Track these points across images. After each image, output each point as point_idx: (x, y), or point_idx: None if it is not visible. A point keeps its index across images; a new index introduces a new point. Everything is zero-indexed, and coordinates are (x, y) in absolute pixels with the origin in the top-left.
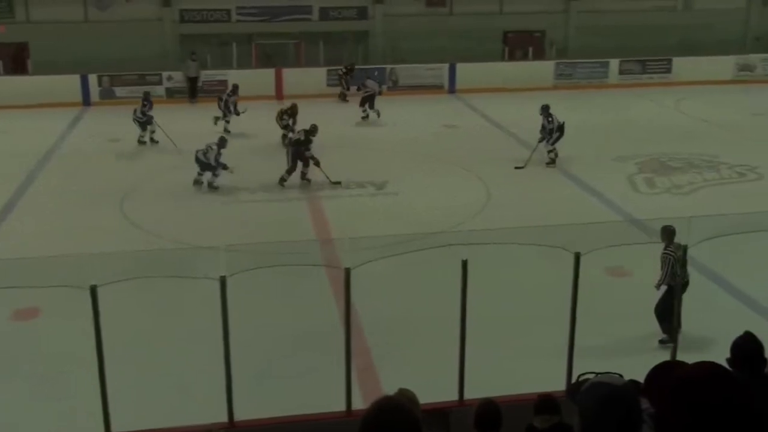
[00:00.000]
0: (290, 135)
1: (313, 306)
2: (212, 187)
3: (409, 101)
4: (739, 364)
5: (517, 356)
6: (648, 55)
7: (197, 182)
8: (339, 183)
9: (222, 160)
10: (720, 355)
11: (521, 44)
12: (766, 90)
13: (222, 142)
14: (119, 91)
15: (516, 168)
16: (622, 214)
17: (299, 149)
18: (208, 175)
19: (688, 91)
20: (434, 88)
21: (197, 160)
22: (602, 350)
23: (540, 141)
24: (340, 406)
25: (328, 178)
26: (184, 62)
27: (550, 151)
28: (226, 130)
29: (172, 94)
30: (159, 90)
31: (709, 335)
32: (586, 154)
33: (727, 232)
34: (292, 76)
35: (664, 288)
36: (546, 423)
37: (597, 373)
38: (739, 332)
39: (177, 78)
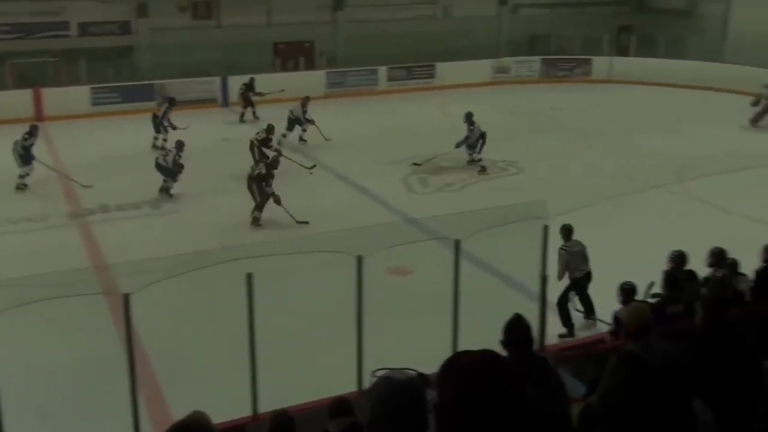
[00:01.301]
0: (257, 168)
1: (92, 337)
2: (167, 193)
3: (182, 117)
4: (511, 346)
5: (310, 363)
6: (413, 62)
7: (163, 190)
8: (306, 222)
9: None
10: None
11: (292, 55)
12: (520, 90)
13: (180, 146)
14: None
15: (414, 164)
16: (400, 215)
17: (261, 183)
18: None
19: (452, 94)
20: (207, 101)
21: (157, 166)
22: (395, 347)
23: (456, 146)
24: None
25: (292, 217)
26: None
27: (479, 161)
28: (162, 147)
29: None
30: None
31: (485, 321)
32: (361, 158)
33: (495, 224)
34: (53, 96)
35: (566, 281)
36: (340, 426)
37: (390, 369)
38: (510, 315)
39: None
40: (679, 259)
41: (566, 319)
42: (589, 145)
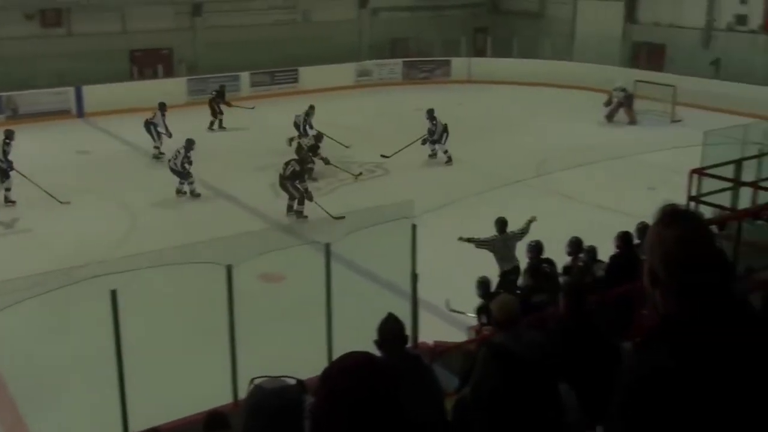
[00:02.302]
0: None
1: None
2: (194, 194)
3: (34, 129)
4: (385, 346)
5: (183, 378)
6: (277, 67)
7: (180, 192)
8: (343, 217)
9: (187, 165)
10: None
11: (150, 63)
12: (382, 92)
13: (189, 144)
14: None
15: (382, 156)
16: (269, 221)
17: (294, 182)
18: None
19: (316, 98)
20: (61, 113)
21: (171, 170)
22: (272, 355)
23: (423, 143)
24: None
25: (328, 213)
26: None
27: (445, 152)
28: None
29: None
30: None
31: (359, 322)
32: (227, 166)
33: (365, 226)
34: None
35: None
36: None
37: (268, 377)
38: (384, 315)
39: None
40: (536, 249)
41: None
42: (453, 143)
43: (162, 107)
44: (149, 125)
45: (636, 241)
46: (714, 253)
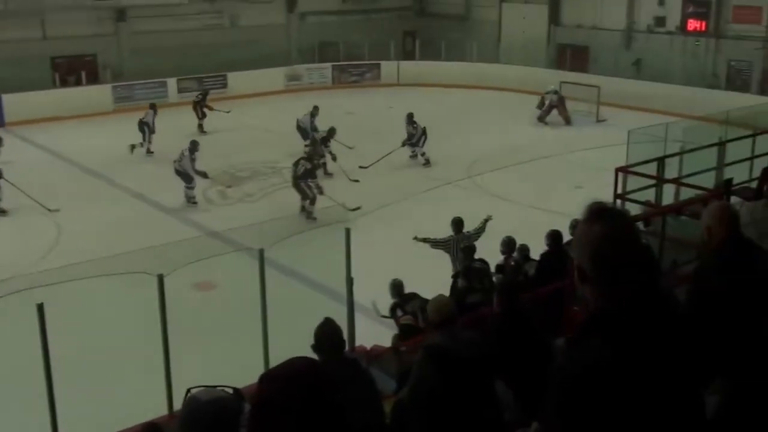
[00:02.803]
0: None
1: None
2: (191, 201)
3: None
4: (322, 350)
5: (116, 391)
6: (205, 72)
7: (190, 199)
8: (359, 207)
9: (198, 166)
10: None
11: (73, 69)
12: (313, 97)
13: (194, 146)
14: None
15: (360, 167)
16: (202, 229)
17: (306, 180)
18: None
19: (246, 103)
20: None
21: (176, 171)
22: (208, 364)
23: (402, 146)
24: None
25: (343, 206)
26: None
27: (423, 155)
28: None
29: None
30: None
31: (296, 328)
32: (156, 173)
33: (299, 231)
34: None
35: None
36: None
37: (205, 387)
38: (321, 320)
39: None
40: (468, 250)
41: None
42: (386, 146)
43: (153, 107)
44: (143, 125)
45: (569, 237)
46: (639, 249)
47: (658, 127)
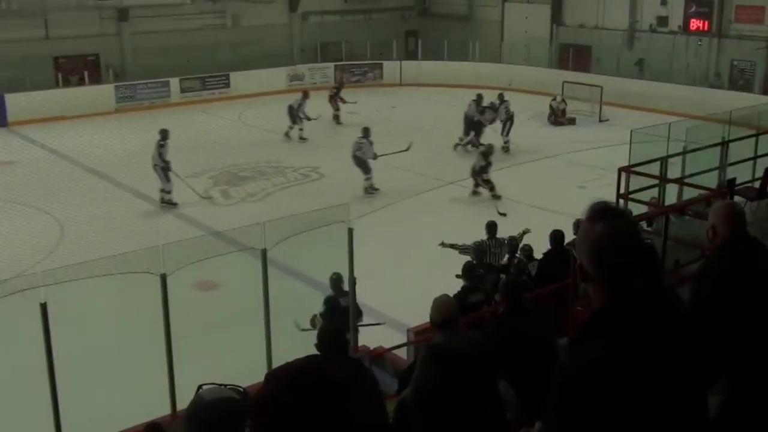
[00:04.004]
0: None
1: None
2: (165, 201)
3: None
4: (325, 350)
5: (119, 390)
6: (207, 72)
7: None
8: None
9: (166, 156)
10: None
11: (76, 69)
12: (314, 96)
13: (164, 134)
14: None
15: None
16: (204, 228)
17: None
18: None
19: (248, 103)
20: None
21: (153, 167)
22: (212, 364)
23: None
24: None
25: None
26: None
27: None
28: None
29: None
30: None
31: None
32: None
33: (301, 231)
34: None
35: None
36: None
37: (216, 385)
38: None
39: None
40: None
41: None
42: (389, 145)
43: (305, 94)
44: (291, 109)
45: (573, 237)
46: (642, 248)
47: (661, 126)
